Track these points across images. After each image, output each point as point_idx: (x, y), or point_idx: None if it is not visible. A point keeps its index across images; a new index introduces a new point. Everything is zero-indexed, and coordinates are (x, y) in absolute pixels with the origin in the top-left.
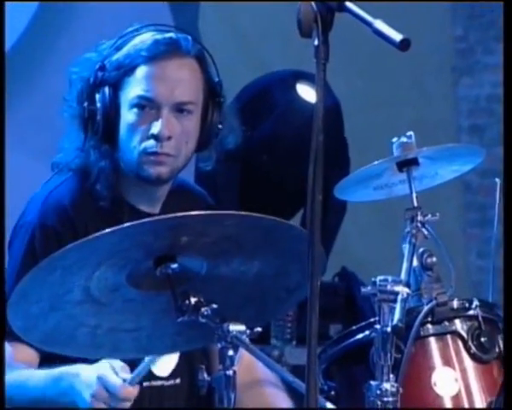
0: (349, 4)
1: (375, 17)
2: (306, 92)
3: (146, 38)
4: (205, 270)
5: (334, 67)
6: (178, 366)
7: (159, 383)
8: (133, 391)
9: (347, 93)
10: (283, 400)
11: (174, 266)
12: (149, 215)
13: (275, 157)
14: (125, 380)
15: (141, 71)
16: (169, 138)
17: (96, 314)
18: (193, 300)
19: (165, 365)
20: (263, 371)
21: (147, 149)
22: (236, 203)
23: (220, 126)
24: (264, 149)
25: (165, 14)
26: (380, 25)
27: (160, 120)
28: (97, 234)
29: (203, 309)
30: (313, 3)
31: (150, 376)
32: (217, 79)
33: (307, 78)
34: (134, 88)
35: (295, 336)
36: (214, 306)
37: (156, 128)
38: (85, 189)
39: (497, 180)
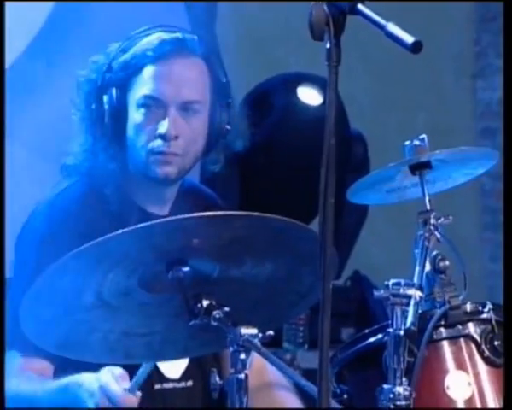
0: (361, 7)
1: (391, 19)
2: (308, 95)
3: (152, 38)
4: (216, 273)
5: (350, 70)
6: (189, 368)
7: (170, 385)
8: (134, 399)
9: (362, 96)
10: (294, 403)
11: (186, 268)
12: (159, 217)
13: (272, 161)
14: (125, 389)
15: (147, 71)
16: (176, 138)
17: (108, 319)
18: (205, 303)
19: (175, 366)
20: (273, 375)
21: (154, 149)
22: (237, 207)
23: (228, 128)
24: (262, 152)
25: (181, 14)
26: (392, 27)
27: (166, 120)
28: (109, 235)
29: (215, 312)
30: (325, 6)
31: (161, 378)
32: (225, 80)
33: (310, 80)
34: (141, 88)
35: (307, 340)
36: (226, 309)
37: (163, 128)
38: (94, 191)
39: None
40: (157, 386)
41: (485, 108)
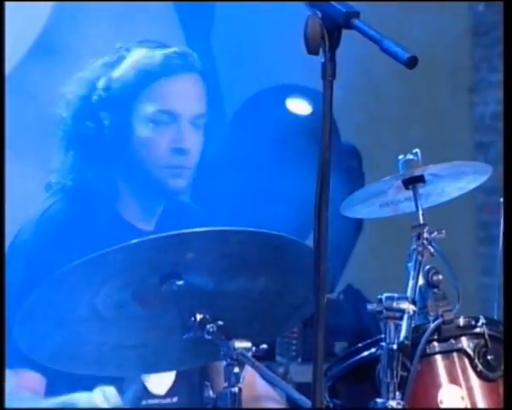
0: (357, 22)
1: (386, 32)
2: (297, 105)
3: (153, 54)
4: (210, 286)
5: (346, 84)
6: (175, 384)
7: (155, 401)
8: None
9: (357, 110)
10: None
11: (180, 282)
12: (148, 233)
13: (258, 169)
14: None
15: (156, 86)
16: (189, 152)
17: (101, 331)
18: (198, 317)
19: (161, 383)
20: (263, 388)
21: (171, 163)
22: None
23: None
24: (248, 161)
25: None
26: (387, 42)
27: (182, 134)
28: (103, 251)
29: (209, 326)
30: (320, 20)
31: (147, 394)
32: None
33: (298, 91)
34: (150, 103)
35: (301, 354)
36: (220, 323)
37: (181, 142)
38: (81, 207)
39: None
40: (143, 402)
41: (478, 123)
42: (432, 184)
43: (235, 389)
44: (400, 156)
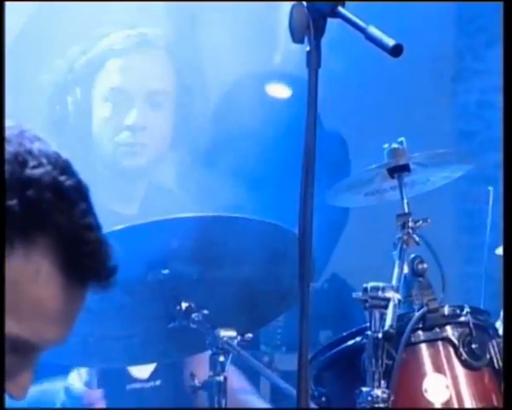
0: (342, 10)
1: (372, 22)
2: (277, 90)
3: (117, 35)
4: (196, 275)
5: (330, 71)
6: (158, 368)
7: (138, 385)
8: (96, 393)
9: (340, 99)
10: (261, 405)
11: (165, 271)
12: (124, 216)
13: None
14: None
15: (111, 64)
16: (143, 129)
17: (86, 322)
18: (184, 305)
19: (144, 367)
20: (238, 382)
21: (122, 141)
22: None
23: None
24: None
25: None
26: (372, 30)
27: (133, 111)
28: None
29: (194, 315)
30: (305, 8)
31: (130, 378)
32: (191, 73)
33: (278, 76)
34: (105, 81)
35: (285, 343)
36: (205, 311)
37: (130, 119)
38: None
39: (490, 188)
40: (126, 386)
41: (461, 111)
42: (417, 173)
43: (221, 378)
44: (385, 145)
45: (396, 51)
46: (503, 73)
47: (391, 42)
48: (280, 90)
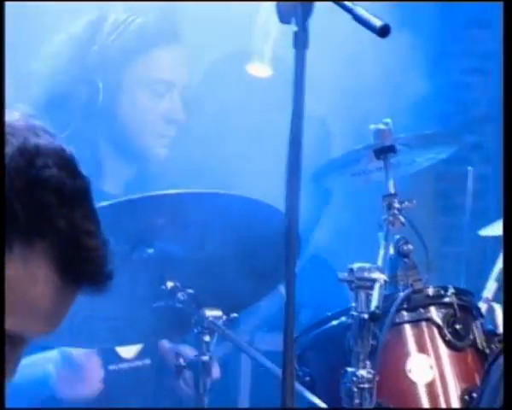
0: None
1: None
2: (256, 69)
3: (144, 20)
4: (181, 254)
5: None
6: (144, 347)
7: (126, 365)
8: (95, 359)
9: (325, 81)
10: None
11: (150, 250)
12: (113, 196)
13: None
14: None
15: (159, 53)
16: (176, 122)
17: None
18: (169, 285)
19: (130, 347)
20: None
21: (163, 133)
22: None
23: None
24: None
25: None
26: (360, 11)
27: (176, 105)
28: None
29: (179, 294)
30: None
31: (117, 358)
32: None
33: (257, 55)
34: (151, 71)
35: (266, 322)
36: (190, 291)
37: (175, 113)
38: None
39: (470, 168)
40: (112, 367)
41: (440, 93)
42: (403, 154)
43: (206, 358)
44: (371, 126)
45: (383, 32)
46: (504, 73)
47: (378, 22)
48: (260, 70)
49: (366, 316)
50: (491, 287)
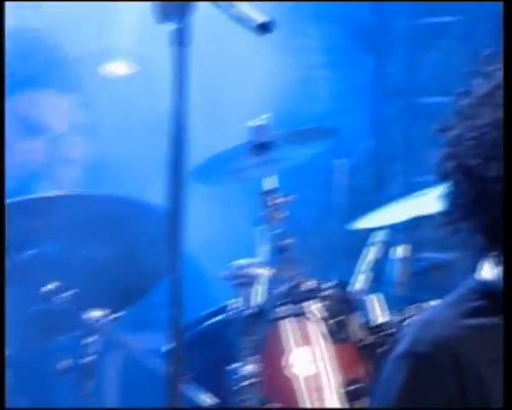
0: None
1: None
2: (116, 67)
3: None
4: (61, 255)
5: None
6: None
7: None
8: None
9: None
10: None
11: (31, 251)
12: None
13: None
14: None
15: None
16: None
17: None
18: (50, 287)
19: None
20: None
21: None
22: None
23: None
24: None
25: None
26: (238, 9)
27: None
28: None
29: (62, 295)
30: None
31: None
32: None
33: (116, 54)
34: None
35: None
36: (75, 290)
37: None
38: None
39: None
40: None
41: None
42: (280, 150)
43: (88, 360)
44: (250, 123)
45: (264, 29)
46: (503, 73)
47: (260, 18)
48: (118, 68)
49: (249, 312)
50: (360, 279)
